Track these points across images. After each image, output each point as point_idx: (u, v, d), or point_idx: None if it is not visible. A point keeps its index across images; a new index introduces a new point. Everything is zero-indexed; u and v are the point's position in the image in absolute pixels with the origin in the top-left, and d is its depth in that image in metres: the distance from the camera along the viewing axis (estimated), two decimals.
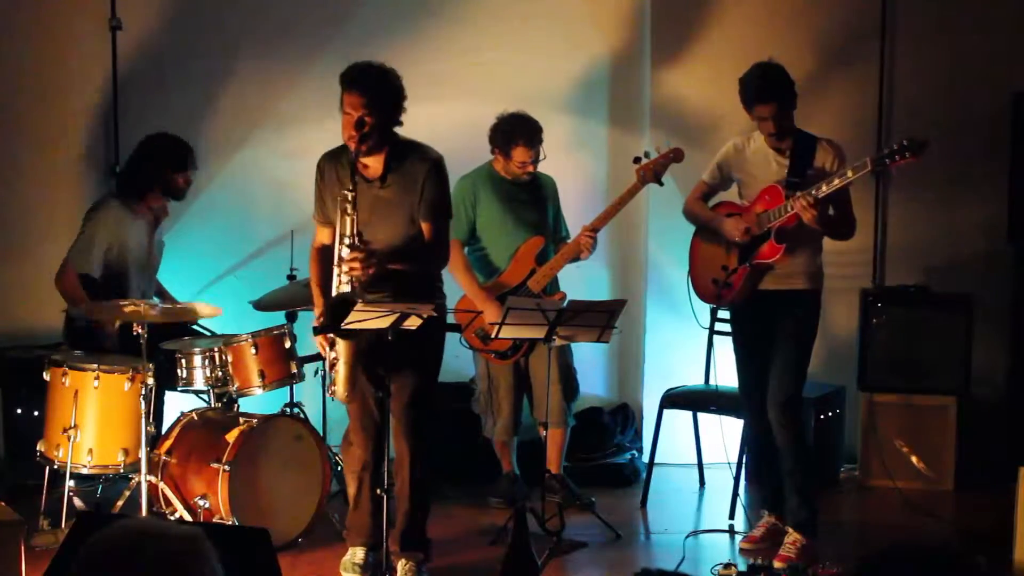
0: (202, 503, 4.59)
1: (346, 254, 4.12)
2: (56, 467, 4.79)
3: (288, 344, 5.02)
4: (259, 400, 5.28)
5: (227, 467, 4.55)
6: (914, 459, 5.70)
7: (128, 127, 5.92)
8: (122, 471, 4.82)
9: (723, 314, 5.37)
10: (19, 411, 5.39)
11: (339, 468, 4.94)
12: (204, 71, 6.07)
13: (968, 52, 6.11)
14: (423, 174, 4.26)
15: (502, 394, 5.38)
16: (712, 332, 5.53)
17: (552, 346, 4.84)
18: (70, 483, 4.71)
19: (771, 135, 4.64)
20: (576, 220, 5.47)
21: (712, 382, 5.51)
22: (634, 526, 5.27)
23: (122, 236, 5.22)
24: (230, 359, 4.91)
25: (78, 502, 4.81)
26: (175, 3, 6.05)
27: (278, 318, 5.27)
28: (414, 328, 4.11)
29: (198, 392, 5.15)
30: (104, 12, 5.89)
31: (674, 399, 5.57)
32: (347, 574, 4.48)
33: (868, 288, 6.09)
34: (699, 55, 6.14)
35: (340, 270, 4.16)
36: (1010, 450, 5.51)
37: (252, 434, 4.65)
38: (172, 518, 4.57)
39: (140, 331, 4.56)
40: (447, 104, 5.88)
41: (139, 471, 4.59)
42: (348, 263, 4.11)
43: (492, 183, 5.36)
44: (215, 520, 4.54)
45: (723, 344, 5.28)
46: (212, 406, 4.97)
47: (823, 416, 5.80)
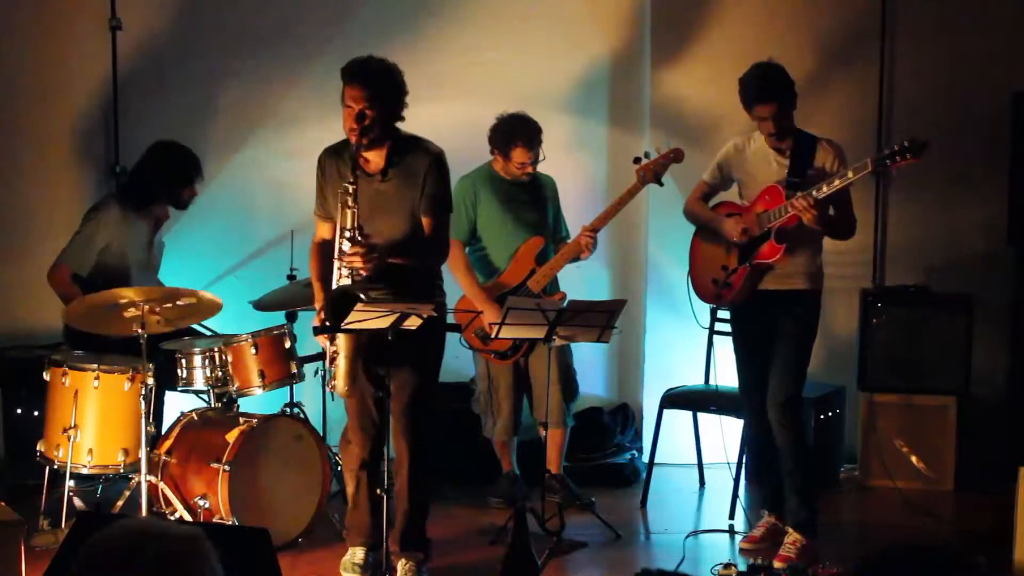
0: (202, 503, 4.59)
1: (347, 248, 4.13)
2: (56, 467, 4.79)
3: (288, 344, 5.02)
4: (259, 400, 5.28)
5: (227, 467, 4.55)
6: (914, 459, 5.70)
7: (128, 127, 5.93)
8: (122, 471, 4.82)
9: (723, 314, 5.37)
10: (19, 411, 5.39)
11: (339, 468, 4.93)
12: (204, 71, 6.07)
13: (968, 52, 6.11)
14: (424, 169, 4.26)
15: (502, 394, 5.38)
16: (712, 332, 5.53)
17: (552, 346, 4.84)
18: (70, 483, 4.71)
19: (771, 135, 4.63)
20: (576, 220, 5.47)
21: (712, 382, 5.51)
22: (634, 526, 5.27)
23: (122, 237, 5.20)
24: (230, 359, 4.91)
25: (78, 502, 4.81)
26: (175, 3, 6.05)
27: (278, 318, 5.27)
28: (414, 328, 4.11)
29: (198, 392, 5.15)
30: (104, 12, 5.89)
31: (674, 399, 5.57)
32: (347, 574, 4.48)
33: (868, 288, 6.09)
34: (699, 55, 6.14)
35: (341, 264, 4.17)
36: (1010, 450, 5.50)
37: (252, 434, 4.65)
38: (172, 518, 4.57)
39: (140, 331, 4.56)
40: (447, 104, 5.87)
41: (139, 471, 4.59)
42: (349, 257, 4.12)
43: (492, 183, 5.36)
44: (215, 520, 4.53)
45: (723, 344, 5.28)
46: (212, 406, 4.96)
47: (823, 416, 5.80)
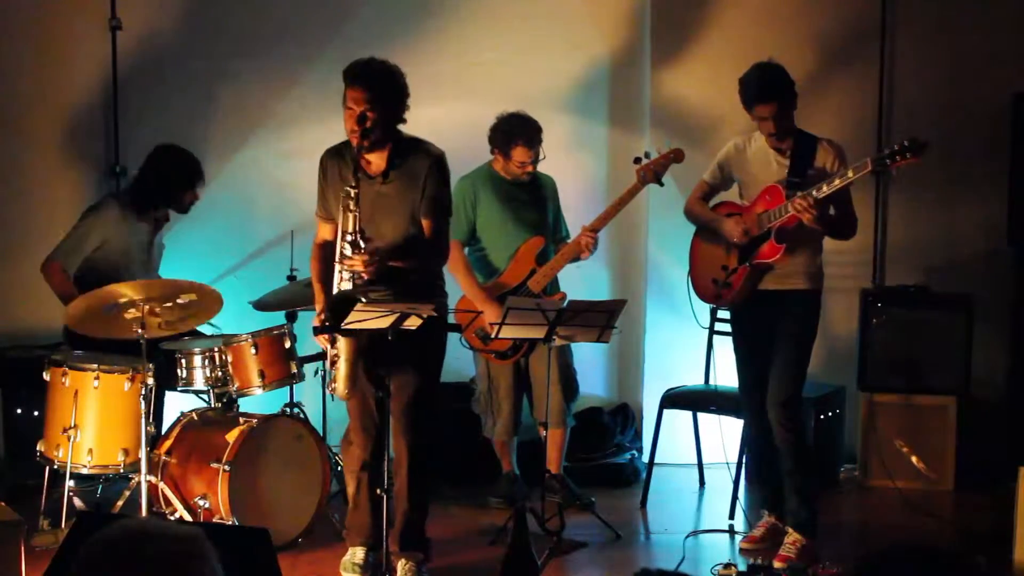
0: (202, 503, 4.59)
1: (348, 251, 4.13)
2: (56, 467, 4.79)
3: (288, 344, 5.01)
4: (259, 400, 5.28)
5: (227, 467, 4.55)
6: (914, 459, 5.70)
7: (128, 127, 5.93)
8: (122, 471, 4.82)
9: (723, 314, 5.37)
10: (19, 411, 5.39)
11: (339, 468, 4.93)
12: (204, 71, 6.07)
13: (968, 52, 6.11)
14: (425, 171, 4.25)
15: (502, 394, 5.38)
16: (712, 332, 5.54)
17: (552, 346, 4.84)
18: (70, 483, 4.70)
19: (771, 135, 4.63)
20: (576, 220, 5.46)
21: (712, 382, 5.52)
22: (634, 526, 5.27)
23: (120, 237, 5.20)
24: (230, 359, 4.91)
25: (78, 502, 4.81)
26: (175, 3, 6.05)
27: (278, 318, 5.26)
28: (414, 328, 4.11)
29: (198, 392, 5.15)
30: (104, 12, 5.89)
31: (674, 399, 5.57)
32: (347, 574, 4.48)
33: (868, 288, 6.09)
34: (699, 55, 6.14)
35: (342, 267, 4.17)
36: (1010, 450, 5.50)
37: (252, 434, 4.65)
38: (172, 518, 4.57)
39: (140, 331, 4.56)
40: (447, 104, 5.87)
41: (139, 471, 4.59)
42: (350, 261, 4.11)
43: (492, 183, 5.35)
44: (215, 520, 4.53)
45: (723, 344, 5.28)
46: (212, 406, 4.96)
47: (823, 416, 5.80)
